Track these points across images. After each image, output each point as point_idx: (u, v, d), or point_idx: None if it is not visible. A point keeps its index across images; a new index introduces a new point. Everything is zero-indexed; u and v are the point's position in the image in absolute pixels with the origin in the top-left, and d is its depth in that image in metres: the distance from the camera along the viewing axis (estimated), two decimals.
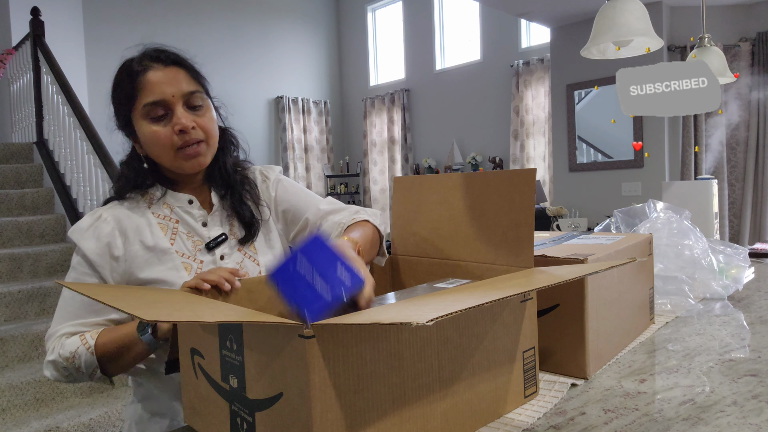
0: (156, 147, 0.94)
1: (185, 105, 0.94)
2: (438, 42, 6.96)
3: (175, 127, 0.92)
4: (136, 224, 0.96)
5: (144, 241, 0.95)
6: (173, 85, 0.93)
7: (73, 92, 3.66)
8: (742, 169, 4.45)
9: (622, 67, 1.38)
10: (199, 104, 0.96)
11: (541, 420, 0.70)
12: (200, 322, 0.66)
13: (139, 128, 0.95)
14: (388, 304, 0.72)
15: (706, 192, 2.29)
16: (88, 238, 0.94)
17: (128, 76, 0.95)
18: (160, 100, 0.92)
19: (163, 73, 0.94)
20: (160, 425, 0.98)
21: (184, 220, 0.99)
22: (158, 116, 0.93)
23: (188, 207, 1.00)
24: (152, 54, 0.97)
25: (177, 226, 0.98)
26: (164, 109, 0.93)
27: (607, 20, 1.64)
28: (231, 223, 1.03)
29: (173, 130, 0.92)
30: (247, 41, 7.10)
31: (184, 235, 0.98)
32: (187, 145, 0.94)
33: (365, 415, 0.55)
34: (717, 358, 0.90)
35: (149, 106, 0.92)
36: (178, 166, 0.96)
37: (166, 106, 0.93)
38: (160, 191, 1.00)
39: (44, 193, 3.93)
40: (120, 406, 2.67)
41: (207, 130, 0.96)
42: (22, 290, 3.06)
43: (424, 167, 6.93)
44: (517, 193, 0.79)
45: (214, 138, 0.99)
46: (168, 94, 0.92)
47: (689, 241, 1.30)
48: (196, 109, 0.96)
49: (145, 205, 0.99)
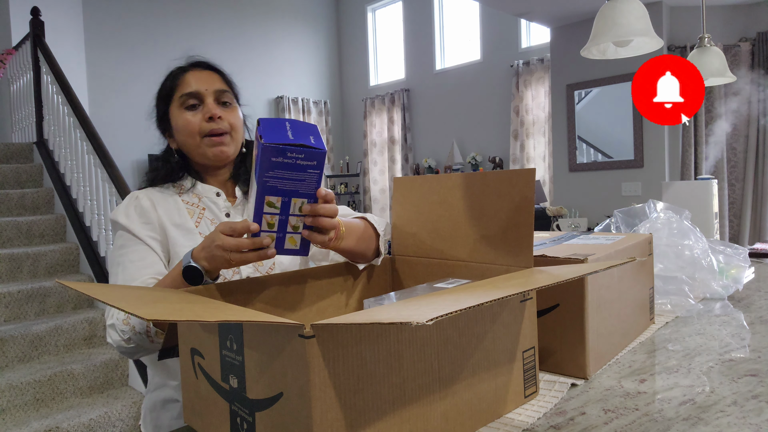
0: (185, 133, 1.07)
1: (216, 100, 1.08)
2: (438, 42, 6.96)
3: (205, 114, 1.06)
4: (167, 205, 1.08)
5: (173, 219, 1.07)
6: (207, 82, 1.09)
7: (73, 92, 3.66)
8: (742, 169, 4.45)
9: (622, 67, 1.37)
10: (228, 101, 1.10)
11: (541, 420, 0.70)
12: (200, 322, 0.66)
13: (174, 118, 1.09)
14: (387, 304, 0.72)
15: (706, 192, 2.29)
16: (130, 213, 1.05)
17: (171, 77, 1.11)
18: (194, 91, 1.07)
19: (200, 74, 1.10)
20: (171, 412, 1.04)
21: (210, 209, 1.11)
22: (191, 105, 1.07)
23: (215, 198, 1.12)
24: (193, 61, 1.14)
25: (203, 213, 1.10)
26: (197, 100, 1.07)
27: (607, 20, 1.64)
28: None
29: (203, 117, 1.06)
30: (248, 41, 7.10)
31: (208, 221, 1.09)
32: (213, 134, 1.06)
33: (365, 415, 0.55)
34: (717, 358, 0.90)
35: (185, 96, 1.07)
36: (203, 153, 1.08)
37: (199, 97, 1.07)
38: (190, 182, 1.12)
39: (44, 193, 3.93)
40: (120, 406, 2.67)
41: (232, 124, 1.09)
42: (21, 290, 3.06)
43: (424, 167, 6.93)
44: (516, 193, 0.79)
45: (238, 133, 1.11)
46: (202, 88, 1.08)
47: (689, 241, 1.30)
48: (225, 105, 1.09)
49: (176, 192, 1.11)
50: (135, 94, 6.07)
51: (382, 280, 1.02)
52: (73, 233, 3.68)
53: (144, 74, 6.18)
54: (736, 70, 4.26)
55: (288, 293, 0.91)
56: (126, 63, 6.07)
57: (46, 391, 2.64)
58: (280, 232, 0.80)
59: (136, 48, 6.18)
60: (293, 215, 0.79)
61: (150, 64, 6.25)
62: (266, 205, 0.77)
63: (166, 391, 1.05)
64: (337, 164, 8.05)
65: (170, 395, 1.04)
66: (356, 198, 7.90)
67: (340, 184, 7.88)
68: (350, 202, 7.88)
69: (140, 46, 6.21)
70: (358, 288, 0.99)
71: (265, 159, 0.74)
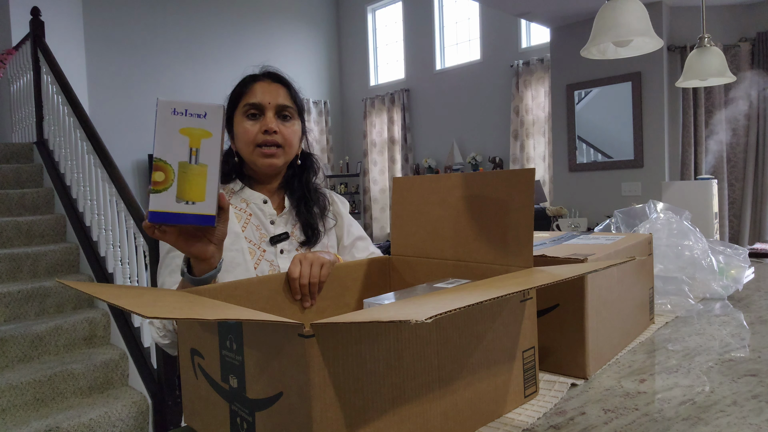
0: (242, 140, 1.13)
1: (276, 114, 1.13)
2: (438, 42, 6.96)
3: (262, 126, 1.11)
4: None
5: None
6: (272, 95, 1.13)
7: (73, 92, 3.65)
8: (742, 169, 4.45)
9: (622, 67, 1.37)
10: (288, 116, 1.15)
11: (540, 420, 0.70)
12: (200, 320, 0.66)
13: (236, 124, 1.15)
14: (387, 303, 0.72)
15: (706, 192, 2.29)
16: None
17: (242, 83, 1.16)
18: (257, 102, 1.12)
19: (267, 85, 1.15)
20: None
21: (257, 215, 1.16)
22: (252, 114, 1.13)
23: (262, 205, 1.17)
24: (265, 71, 1.19)
25: (250, 218, 1.15)
26: (258, 111, 1.13)
27: (607, 20, 1.64)
28: (295, 227, 1.19)
29: (260, 128, 1.12)
30: (247, 41, 7.10)
31: (254, 227, 1.15)
32: (266, 145, 1.12)
33: (365, 414, 0.55)
34: (717, 358, 0.90)
35: (248, 106, 1.13)
36: (253, 162, 1.14)
37: (260, 108, 1.12)
38: (239, 186, 1.17)
39: (44, 193, 3.93)
40: (120, 406, 2.67)
41: (287, 139, 1.14)
42: (21, 290, 3.05)
43: (424, 167, 6.93)
44: (516, 193, 0.79)
45: (291, 148, 1.16)
46: (265, 101, 1.12)
47: (689, 241, 1.30)
48: (284, 119, 1.15)
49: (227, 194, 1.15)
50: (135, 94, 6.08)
51: (382, 280, 1.02)
52: (73, 233, 3.68)
53: (144, 74, 6.18)
54: (736, 70, 4.26)
55: (288, 293, 0.91)
56: (126, 63, 6.07)
57: (46, 391, 2.64)
58: None
59: (136, 48, 6.18)
60: None
61: (150, 64, 6.26)
62: None
63: None
64: (337, 164, 8.05)
65: None
66: (356, 198, 7.90)
67: (340, 184, 7.88)
68: (350, 202, 7.88)
69: (140, 46, 6.21)
70: (357, 288, 0.99)
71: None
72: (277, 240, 1.15)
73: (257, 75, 1.17)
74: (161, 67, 6.33)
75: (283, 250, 1.15)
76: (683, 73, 2.32)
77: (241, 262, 1.08)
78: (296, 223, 1.19)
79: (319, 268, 0.94)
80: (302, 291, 0.92)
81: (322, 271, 0.94)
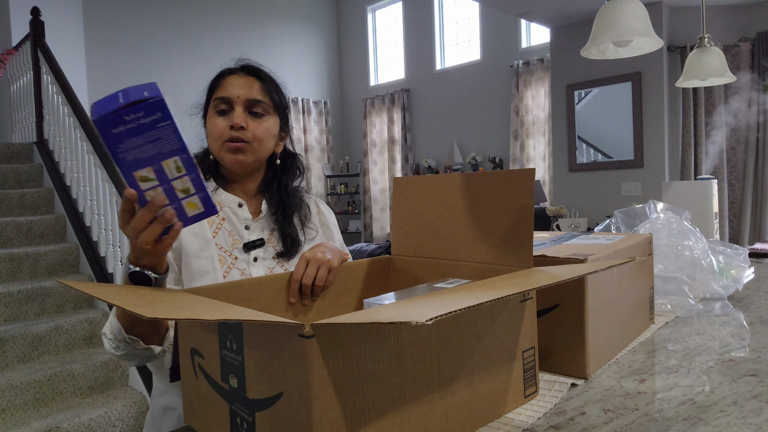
0: (211, 136, 1.08)
1: (246, 108, 1.06)
2: (438, 42, 6.96)
3: (230, 122, 1.05)
4: None
5: (191, 228, 1.02)
6: (242, 89, 1.07)
7: (73, 92, 3.65)
8: (742, 169, 4.45)
9: (622, 67, 1.37)
10: (259, 113, 1.08)
11: (541, 420, 0.70)
12: (200, 320, 0.66)
13: (207, 119, 1.10)
14: (387, 303, 0.72)
15: (706, 192, 2.29)
16: None
17: (217, 77, 1.12)
18: (226, 97, 1.06)
19: (239, 79, 1.09)
20: (170, 420, 1.03)
21: (230, 219, 1.09)
22: (221, 110, 1.07)
23: (236, 209, 1.10)
24: (240, 65, 1.13)
25: (222, 223, 1.08)
26: (227, 106, 1.06)
27: (607, 20, 1.64)
28: (272, 233, 1.12)
29: (228, 124, 1.05)
30: (248, 41, 7.09)
31: (226, 232, 1.08)
32: (233, 141, 1.05)
33: (365, 415, 0.55)
34: (717, 358, 0.90)
35: (217, 101, 1.07)
36: (221, 158, 1.08)
37: (229, 103, 1.06)
38: (212, 187, 1.11)
39: (44, 193, 3.93)
40: (120, 406, 2.67)
41: (256, 135, 1.06)
42: (21, 290, 3.05)
43: (424, 167, 6.93)
44: (516, 193, 0.79)
45: (261, 144, 1.08)
46: (234, 95, 1.06)
47: (689, 241, 1.30)
48: (255, 115, 1.07)
49: None
50: None
51: (382, 280, 1.02)
52: (73, 233, 3.68)
53: (144, 74, 6.17)
54: (736, 70, 4.26)
55: (288, 293, 0.91)
56: (126, 63, 6.07)
57: (46, 391, 2.64)
58: (173, 202, 0.73)
59: (136, 48, 6.18)
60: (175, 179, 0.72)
61: (150, 64, 6.25)
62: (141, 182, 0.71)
63: (167, 397, 1.04)
64: (337, 164, 8.05)
65: (170, 402, 1.03)
66: (356, 198, 7.90)
67: (340, 184, 7.88)
68: (350, 202, 7.88)
69: (140, 46, 6.21)
70: (358, 288, 0.99)
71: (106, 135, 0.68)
72: (251, 246, 1.07)
73: (232, 68, 1.11)
74: (161, 66, 6.33)
75: (257, 258, 1.07)
76: (683, 73, 2.33)
77: (209, 270, 1.01)
78: (274, 229, 1.12)
79: (326, 272, 0.91)
80: (303, 291, 0.90)
81: (328, 277, 0.92)
